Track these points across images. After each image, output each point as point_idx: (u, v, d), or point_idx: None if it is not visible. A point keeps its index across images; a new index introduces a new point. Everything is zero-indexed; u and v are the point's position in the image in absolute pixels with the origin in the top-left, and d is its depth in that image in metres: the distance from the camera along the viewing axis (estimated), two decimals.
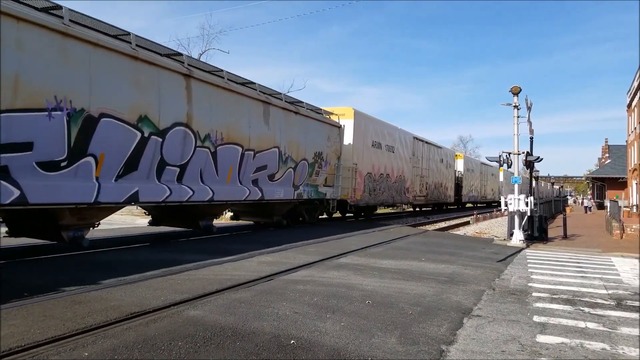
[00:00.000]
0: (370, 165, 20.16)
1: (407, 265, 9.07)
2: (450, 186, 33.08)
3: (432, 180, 28.87)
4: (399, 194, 23.69)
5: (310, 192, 15.43)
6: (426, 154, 27.72)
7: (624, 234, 18.02)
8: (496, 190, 47.65)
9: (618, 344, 4.90)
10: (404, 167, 24.12)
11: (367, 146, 19.89)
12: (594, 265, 10.60)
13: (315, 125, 15.53)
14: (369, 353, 4.22)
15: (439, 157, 30.62)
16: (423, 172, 27.18)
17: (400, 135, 23.94)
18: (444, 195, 31.65)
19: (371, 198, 20.44)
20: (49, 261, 7.77)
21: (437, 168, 29.98)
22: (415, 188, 25.69)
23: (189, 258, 8.41)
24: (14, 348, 3.87)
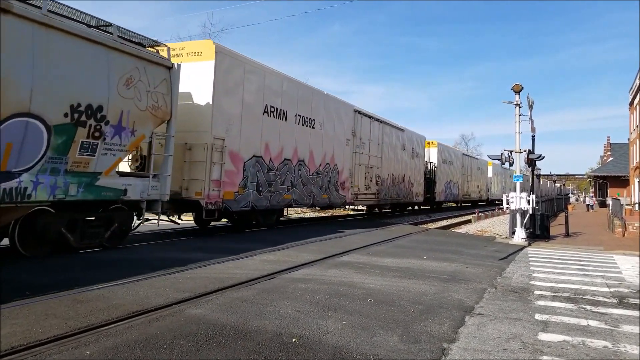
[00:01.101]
0: (259, 144, 13.02)
1: (408, 264, 9.07)
2: (418, 181, 26.29)
3: (388, 173, 22.01)
4: (327, 190, 16.52)
5: (55, 187, 7.54)
6: (377, 136, 20.82)
7: (626, 232, 17.98)
8: (483, 188, 42.93)
9: (620, 341, 4.89)
10: (337, 151, 17.20)
11: (250, 111, 12.60)
12: (596, 263, 10.58)
13: (73, 47, 7.63)
14: (370, 351, 4.22)
15: (400, 142, 23.58)
16: (372, 161, 20.29)
17: (329, 104, 16.81)
18: (406, 193, 24.61)
19: (263, 197, 13.23)
20: (51, 260, 7.77)
21: (396, 156, 22.98)
22: (357, 182, 18.86)
23: (190, 256, 8.41)
24: (17, 347, 3.88)
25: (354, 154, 18.62)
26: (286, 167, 14.29)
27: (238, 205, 12.25)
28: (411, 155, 25.33)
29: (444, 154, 32.05)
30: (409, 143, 25.12)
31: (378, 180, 20.97)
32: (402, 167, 24.04)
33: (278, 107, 13.85)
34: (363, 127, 19.53)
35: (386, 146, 21.85)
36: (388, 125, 22.25)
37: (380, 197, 21.39)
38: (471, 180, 38.84)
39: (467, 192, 37.72)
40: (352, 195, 18.48)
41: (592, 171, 65.08)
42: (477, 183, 41.07)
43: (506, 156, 15.63)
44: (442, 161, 31.17)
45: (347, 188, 18.05)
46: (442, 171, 31.08)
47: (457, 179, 34.49)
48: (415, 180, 25.92)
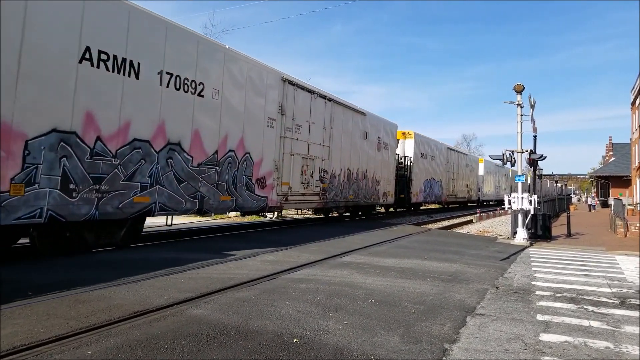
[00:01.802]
0: (70, 112, 7.92)
1: (410, 264, 9.06)
2: (386, 178, 21.73)
3: (342, 167, 17.46)
4: (229, 190, 11.60)
5: None
6: (323, 119, 16.03)
7: (628, 232, 17.94)
8: (473, 187, 38.62)
9: (622, 342, 4.88)
10: (249, 134, 12.31)
11: (44, 53, 7.49)
12: (597, 264, 10.56)
13: None
14: (371, 352, 4.22)
15: (360, 128, 19.00)
16: (313, 151, 15.42)
17: (233, 65, 11.77)
18: (369, 193, 19.99)
19: (81, 201, 8.08)
20: (52, 260, 7.79)
21: (353, 147, 18.44)
22: (288, 178, 14.02)
23: (192, 257, 8.42)
24: (18, 347, 3.89)
25: (282, 139, 13.62)
26: (137, 153, 9.10)
27: (10, 216, 7.00)
28: (376, 146, 20.52)
29: (423, 146, 27.18)
30: (374, 131, 20.28)
31: (324, 176, 16.08)
32: (363, 161, 19.28)
33: (119, 55, 8.63)
34: (299, 103, 14.58)
35: (338, 132, 17.00)
36: (340, 106, 17.25)
37: (328, 198, 16.36)
38: (458, 179, 34.38)
39: (454, 192, 33.20)
40: (280, 195, 13.59)
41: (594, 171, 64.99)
42: (466, 182, 36.49)
43: (508, 156, 15.62)
44: (420, 155, 26.36)
45: (271, 186, 13.18)
46: (421, 167, 26.49)
47: (440, 177, 30.08)
48: (382, 177, 21.29)
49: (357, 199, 18.95)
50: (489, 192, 44.72)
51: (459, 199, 34.98)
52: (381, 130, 21.27)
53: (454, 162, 33.50)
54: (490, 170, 45.14)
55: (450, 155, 32.61)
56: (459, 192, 34.55)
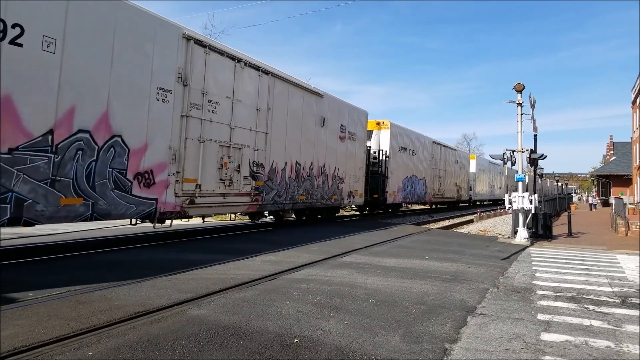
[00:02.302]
0: None
1: (410, 264, 9.06)
2: (353, 175, 18.40)
3: (288, 160, 14.12)
4: (85, 189, 8.07)
5: None
6: (255, 95, 12.54)
7: (629, 231, 17.92)
8: (464, 186, 35.33)
9: (623, 341, 4.87)
10: (118, 110, 8.70)
11: None
12: (598, 263, 10.55)
13: None
14: (372, 352, 4.22)
15: (315, 113, 15.58)
16: (239, 137, 11.99)
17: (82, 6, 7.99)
18: (329, 192, 16.57)
19: None
20: (53, 261, 7.80)
21: (305, 135, 14.96)
22: (194, 173, 10.55)
23: (192, 257, 8.43)
24: (19, 347, 3.89)
25: (184, 119, 10.05)
26: None
27: None
28: (339, 136, 17.20)
29: (402, 139, 23.64)
30: (335, 117, 16.96)
31: (258, 170, 12.66)
32: (320, 153, 15.90)
33: None
34: (215, 73, 11.00)
35: (281, 116, 13.63)
36: (284, 82, 13.74)
37: (266, 200, 12.99)
38: (446, 177, 31.01)
39: (440, 192, 29.89)
40: (181, 197, 10.02)
41: (594, 170, 64.95)
42: (455, 180, 33.19)
43: (508, 155, 15.62)
44: (398, 149, 23.05)
45: (164, 184, 9.65)
46: (399, 163, 23.15)
47: (423, 174, 26.77)
48: (348, 173, 17.98)
49: (311, 200, 15.49)
50: (482, 191, 41.98)
51: (446, 199, 31.70)
52: (346, 118, 17.83)
53: (441, 157, 30.07)
54: (484, 167, 42.65)
55: (435, 150, 28.98)
56: (446, 191, 31.25)
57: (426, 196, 27.32)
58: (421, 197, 26.63)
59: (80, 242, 10.27)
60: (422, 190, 26.56)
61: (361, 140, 19.30)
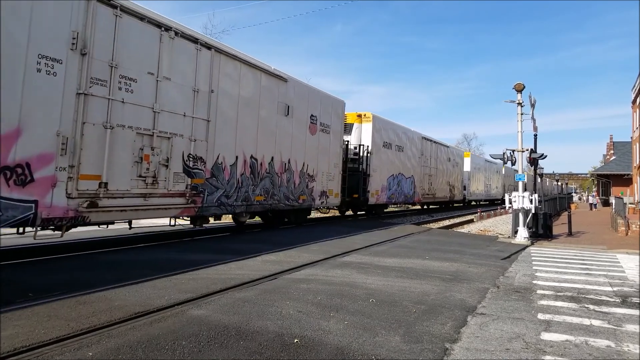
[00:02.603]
0: None
1: (410, 264, 9.06)
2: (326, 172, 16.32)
3: (237, 153, 11.95)
4: None
5: None
6: (186, 69, 10.27)
7: (629, 231, 17.92)
8: (457, 185, 33.28)
9: (623, 341, 4.87)
10: None
11: None
12: (599, 263, 10.55)
13: None
14: (372, 352, 4.22)
15: (275, 98, 13.44)
16: (170, 123, 9.83)
17: None
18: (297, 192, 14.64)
19: None
20: (53, 261, 7.80)
21: (262, 123, 12.88)
22: (97, 167, 8.21)
23: (193, 257, 8.43)
24: (19, 348, 3.89)
25: (81, 97, 7.89)
26: None
27: None
28: (309, 127, 15.21)
29: (387, 134, 21.54)
30: (304, 106, 14.94)
31: (196, 166, 10.43)
32: (284, 146, 13.91)
33: None
34: (125, 39, 8.71)
35: (229, 100, 11.43)
36: (232, 59, 11.53)
37: (210, 201, 10.87)
38: (437, 175, 28.83)
39: (431, 191, 27.73)
40: (75, 198, 7.85)
41: (595, 170, 64.95)
42: (448, 179, 31.14)
43: (508, 155, 15.62)
44: (382, 144, 21.05)
45: (50, 181, 7.47)
46: (383, 159, 21.20)
47: (411, 172, 24.59)
48: (320, 170, 15.96)
49: (272, 201, 13.39)
50: (478, 191, 39.65)
51: (438, 199, 29.53)
52: (317, 107, 15.66)
53: (432, 154, 27.90)
54: (479, 166, 40.37)
55: (425, 147, 26.73)
56: (438, 191, 29.11)
57: (415, 196, 25.20)
58: (409, 196, 24.53)
59: (80, 242, 10.28)
60: (410, 190, 24.45)
61: (337, 133, 17.09)
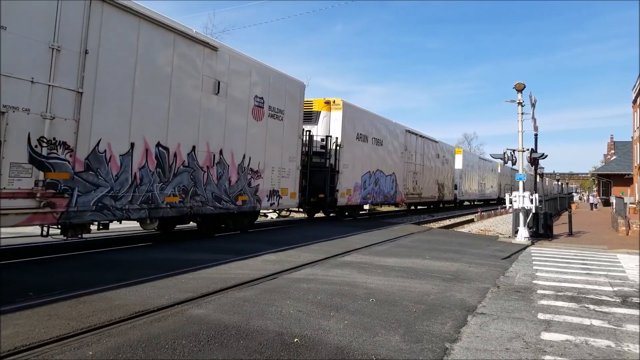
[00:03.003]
0: None
1: (411, 263, 9.05)
2: (279, 167, 13.86)
3: (132, 139, 9.03)
4: None
5: None
6: (77, 26, 7.84)
7: (630, 231, 17.91)
8: (448, 184, 30.99)
9: (623, 341, 4.87)
10: None
11: None
12: (599, 262, 10.55)
13: None
14: (372, 351, 4.22)
15: (199, 71, 10.69)
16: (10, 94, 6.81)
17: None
18: (234, 191, 11.88)
19: None
20: (53, 261, 7.80)
21: (178, 102, 10.12)
22: None
23: (193, 257, 8.43)
24: (19, 347, 3.89)
25: None
26: None
27: None
28: (252, 111, 12.53)
29: (361, 124, 18.93)
30: (243, 84, 12.20)
31: (57, 154, 7.66)
32: (214, 133, 11.22)
33: None
34: None
35: (118, 66, 8.68)
36: (124, 12, 8.80)
37: (83, 203, 8.01)
38: (424, 173, 26.24)
39: (416, 191, 25.09)
40: None
41: (595, 170, 64.89)
42: (437, 177, 28.74)
43: (509, 155, 15.61)
44: (355, 137, 18.45)
45: None
46: (356, 154, 18.62)
47: (392, 169, 22.00)
48: (270, 165, 13.33)
49: (194, 203, 10.61)
50: (471, 190, 37.22)
51: (425, 199, 26.87)
52: (265, 87, 12.92)
53: (417, 150, 25.19)
54: (473, 164, 38.26)
55: (410, 141, 24.06)
56: (425, 190, 26.47)
57: (397, 196, 22.52)
58: (389, 196, 21.77)
59: (80, 241, 10.28)
60: (390, 189, 21.74)
61: (293, 120, 14.22)
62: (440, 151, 29.67)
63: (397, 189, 22.69)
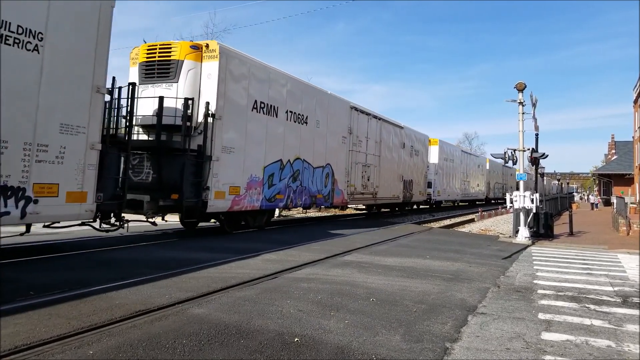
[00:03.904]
0: None
1: (411, 263, 9.05)
2: (43, 150, 6.98)
3: None
4: None
5: None
6: None
7: (631, 231, 17.89)
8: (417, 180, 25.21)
9: (624, 341, 4.87)
10: None
11: None
12: (600, 262, 10.54)
13: None
14: (372, 351, 4.22)
15: None
16: None
17: None
18: None
19: None
20: (54, 260, 7.81)
21: None
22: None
23: (194, 256, 8.43)
24: (20, 346, 3.89)
25: None
26: None
27: None
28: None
29: (261, 87, 12.83)
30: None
31: None
32: None
33: None
34: None
35: None
36: None
37: None
38: (381, 165, 20.47)
39: (369, 189, 19.46)
40: None
41: (596, 169, 64.83)
42: (402, 171, 23.03)
43: (509, 154, 15.59)
44: (251, 105, 12.47)
45: None
46: (252, 132, 12.54)
47: (326, 159, 16.22)
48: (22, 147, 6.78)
49: None
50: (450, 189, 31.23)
51: (382, 200, 21.13)
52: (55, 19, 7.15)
53: (370, 135, 19.39)
54: (453, 158, 31.96)
55: (359, 122, 18.45)
56: (383, 188, 20.72)
57: (334, 196, 16.74)
58: (323, 197, 16.14)
59: (81, 241, 10.29)
60: (321, 186, 15.99)
61: (74, 57, 7.54)
62: (407, 139, 23.45)
63: (335, 186, 16.84)
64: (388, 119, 21.84)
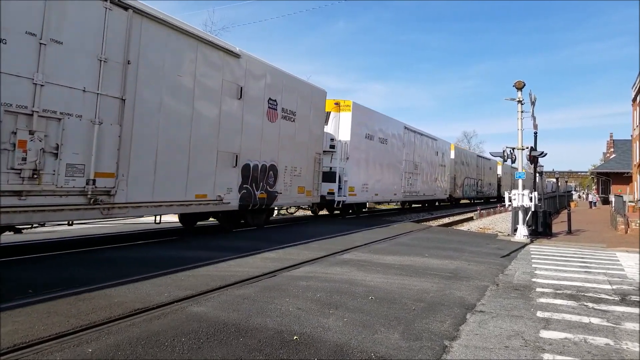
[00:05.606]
0: None
1: (410, 261, 9.06)
2: None
3: None
4: None
5: None
6: None
7: (629, 229, 17.93)
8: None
9: (622, 339, 4.88)
10: None
11: None
12: (598, 261, 10.56)
13: None
14: (371, 349, 4.22)
15: None
16: None
17: None
18: None
19: None
20: (52, 258, 7.80)
21: None
22: None
23: (193, 255, 8.42)
24: (19, 344, 3.89)
25: None
26: None
27: None
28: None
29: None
30: None
31: None
32: None
33: None
34: None
35: None
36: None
37: None
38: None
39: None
40: None
41: (594, 168, 64.91)
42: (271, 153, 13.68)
43: (508, 153, 15.60)
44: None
45: None
46: None
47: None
48: None
49: None
50: (380, 185, 21.21)
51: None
52: None
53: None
54: (386, 136, 21.85)
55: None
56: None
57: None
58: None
59: (80, 239, 10.28)
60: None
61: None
62: (302, 97, 14.64)
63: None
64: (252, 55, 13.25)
